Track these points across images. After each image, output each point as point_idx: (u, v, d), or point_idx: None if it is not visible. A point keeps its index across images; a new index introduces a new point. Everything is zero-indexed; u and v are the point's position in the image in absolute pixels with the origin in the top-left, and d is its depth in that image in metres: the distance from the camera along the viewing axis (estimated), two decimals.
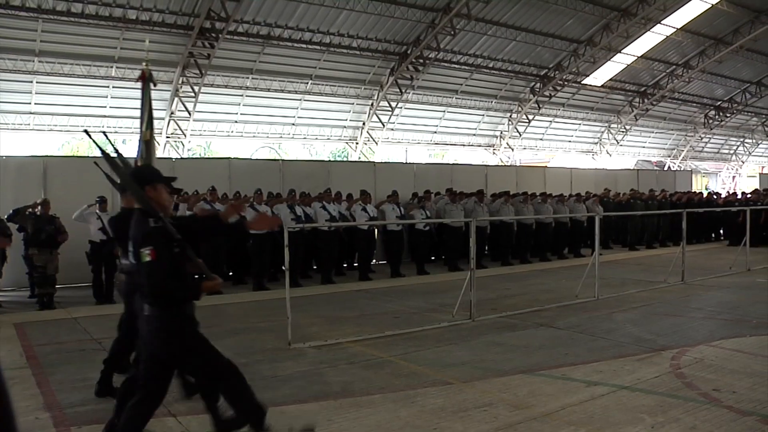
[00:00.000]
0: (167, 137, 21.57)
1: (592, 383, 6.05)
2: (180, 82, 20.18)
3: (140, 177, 4.19)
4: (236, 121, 23.24)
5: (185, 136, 21.84)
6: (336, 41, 21.34)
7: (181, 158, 20.08)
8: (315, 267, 14.63)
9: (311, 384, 6.18)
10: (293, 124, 24.35)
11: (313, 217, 13.67)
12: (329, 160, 26.07)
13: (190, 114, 21.28)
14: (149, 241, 3.86)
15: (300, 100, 23.40)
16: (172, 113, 21.08)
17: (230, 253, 13.08)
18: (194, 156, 25.65)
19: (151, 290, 3.88)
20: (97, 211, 11.18)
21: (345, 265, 15.00)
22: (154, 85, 6.60)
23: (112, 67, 19.21)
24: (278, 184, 15.00)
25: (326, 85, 23.23)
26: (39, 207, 11.06)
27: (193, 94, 20.71)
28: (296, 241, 11.87)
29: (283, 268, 8.19)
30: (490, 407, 5.42)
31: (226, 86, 21.51)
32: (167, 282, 3.89)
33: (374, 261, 15.24)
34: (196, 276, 4.33)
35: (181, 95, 20.65)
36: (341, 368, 6.56)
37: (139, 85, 6.29)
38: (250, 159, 23.03)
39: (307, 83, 22.79)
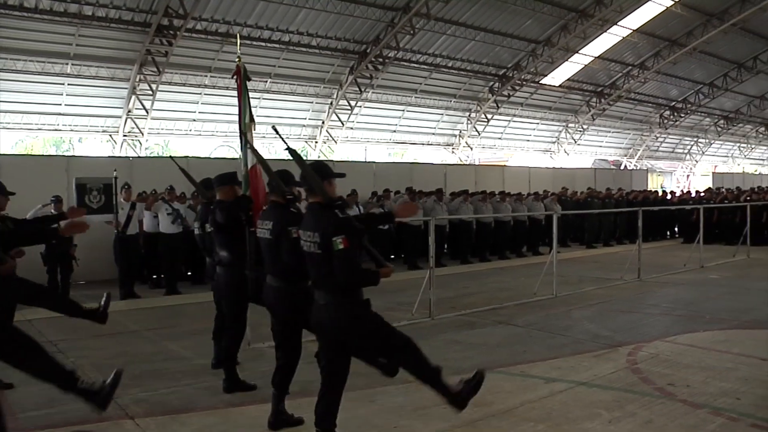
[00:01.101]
0: (124, 136, 21.21)
1: (550, 380, 6.12)
2: (137, 79, 19.85)
3: (321, 172, 4.44)
4: (195, 120, 22.98)
5: (143, 134, 21.51)
6: (295, 40, 21.22)
7: (139, 157, 19.78)
8: None
9: (268, 386, 6.14)
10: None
11: None
12: (288, 159, 25.89)
13: (147, 112, 20.95)
14: (341, 230, 4.06)
15: (259, 98, 23.17)
16: (129, 111, 20.73)
17: (189, 253, 12.95)
18: (152, 155, 25.32)
19: (346, 276, 4.08)
20: (52, 210, 10.96)
21: None
22: (249, 80, 7.10)
23: (67, 64, 18.81)
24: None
25: (285, 83, 23.08)
26: None
27: (150, 92, 20.41)
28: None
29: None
30: (449, 405, 5.44)
31: (184, 84, 21.25)
32: (360, 268, 4.16)
33: None
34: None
35: (138, 93, 20.32)
36: (300, 368, 6.49)
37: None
38: (209, 158, 22.77)
39: (266, 82, 22.63)
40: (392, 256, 16.12)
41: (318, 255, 4.15)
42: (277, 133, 5.37)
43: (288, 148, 4.75)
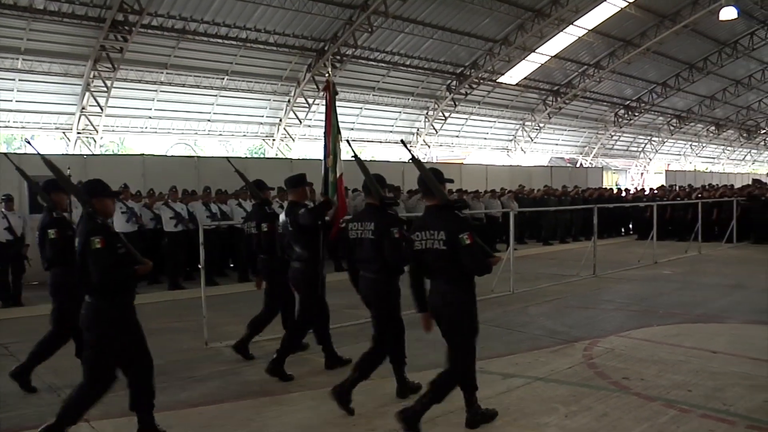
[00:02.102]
0: (78, 133, 20.82)
1: (508, 375, 6.18)
2: (91, 76, 19.47)
3: (439, 177, 4.99)
4: (150, 117, 22.68)
5: (97, 132, 21.12)
6: (253, 36, 21.06)
7: (93, 155, 19.42)
8: (232, 265, 14.41)
9: (229, 384, 6.11)
10: (209, 121, 23.94)
11: (230, 214, 13.49)
12: (246, 157, 25.75)
13: (102, 109, 20.58)
14: (466, 228, 4.63)
15: (216, 96, 23.01)
16: (83, 108, 20.34)
17: (144, 252, 12.76)
18: (107, 152, 24.94)
19: (475, 266, 4.63)
20: (3, 210, 10.74)
21: None
22: (336, 94, 7.50)
23: (18, 59, 18.38)
24: (194, 182, 14.73)
25: (243, 81, 22.90)
26: None
27: (105, 89, 20.02)
28: (212, 239, 11.71)
29: (199, 266, 8.06)
30: (409, 401, 5.46)
31: (139, 81, 20.96)
32: (485, 259, 4.71)
33: None
34: None
35: (92, 90, 19.93)
36: (260, 367, 6.50)
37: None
38: (165, 156, 22.48)
39: (224, 79, 22.43)
40: None
41: (442, 251, 4.65)
42: (404, 144, 6.14)
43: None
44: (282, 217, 6.80)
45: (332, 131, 7.38)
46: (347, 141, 6.69)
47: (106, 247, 4.50)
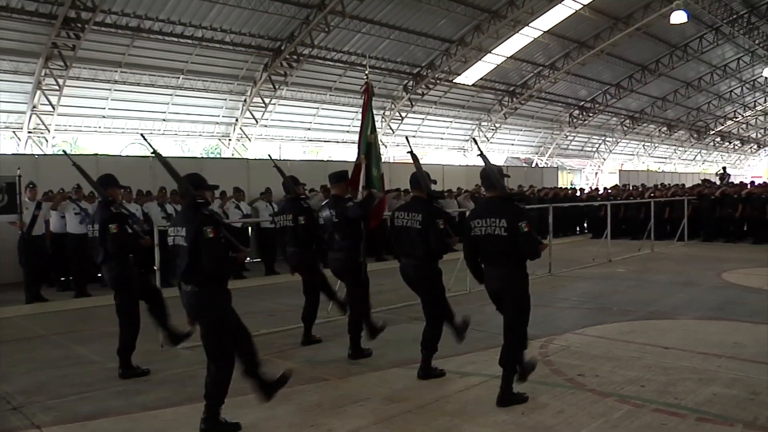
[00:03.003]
0: (29, 132, 20.36)
1: (465, 374, 6.23)
2: (43, 74, 19.04)
3: (500, 172, 5.85)
4: (104, 116, 22.26)
5: (49, 131, 20.69)
6: (209, 35, 20.82)
7: (45, 155, 19.01)
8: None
9: (185, 386, 6.04)
10: (164, 120, 23.62)
11: None
12: (202, 157, 25.50)
13: (54, 108, 20.16)
14: (524, 217, 5.27)
15: (171, 95, 22.73)
16: (34, 107, 19.90)
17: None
18: (59, 152, 24.45)
19: (531, 251, 5.28)
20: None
21: None
22: (373, 95, 8.00)
23: None
24: (149, 182, 14.55)
25: (198, 80, 22.64)
26: None
27: (57, 88, 19.61)
28: (167, 241, 11.59)
29: (155, 268, 7.97)
30: (366, 402, 5.48)
31: (93, 80, 20.56)
32: (538, 245, 5.34)
33: (248, 259, 15.00)
34: None
35: (43, 88, 19.50)
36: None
37: None
38: (119, 156, 22.16)
39: (179, 78, 22.16)
40: None
41: (503, 236, 5.28)
42: (476, 141, 7.49)
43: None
44: (325, 211, 7.32)
45: (365, 130, 7.75)
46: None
47: (216, 236, 4.84)
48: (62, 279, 12.73)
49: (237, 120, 24.93)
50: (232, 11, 20.23)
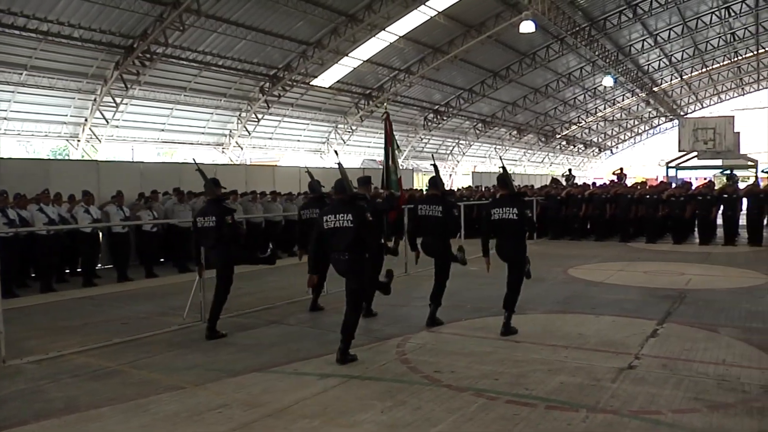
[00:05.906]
0: None
1: (324, 375, 6.20)
2: None
3: (509, 176, 8.26)
4: None
5: None
6: (55, 29, 19.48)
7: None
8: (33, 275, 13.29)
9: (31, 403, 5.64)
10: (5, 119, 22.04)
11: (30, 220, 12.41)
12: (48, 159, 24.13)
13: None
14: (530, 206, 7.28)
15: (13, 92, 21.25)
16: None
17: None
18: None
19: (533, 230, 8.66)
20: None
21: (67, 271, 13.77)
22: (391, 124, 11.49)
23: None
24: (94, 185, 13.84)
25: (43, 77, 21.27)
26: None
27: None
28: (11, 247, 10.90)
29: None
30: (224, 408, 5.34)
31: None
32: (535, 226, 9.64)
33: (99, 266, 14.31)
34: None
35: None
36: (65, 382, 6.10)
37: None
38: (11, 158, 20.41)
39: (22, 74, 20.70)
40: (162, 260, 15.50)
41: (514, 220, 7.71)
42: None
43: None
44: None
45: (387, 160, 11.45)
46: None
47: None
48: None
49: (86, 120, 23.67)
50: (81, 5, 19.03)
